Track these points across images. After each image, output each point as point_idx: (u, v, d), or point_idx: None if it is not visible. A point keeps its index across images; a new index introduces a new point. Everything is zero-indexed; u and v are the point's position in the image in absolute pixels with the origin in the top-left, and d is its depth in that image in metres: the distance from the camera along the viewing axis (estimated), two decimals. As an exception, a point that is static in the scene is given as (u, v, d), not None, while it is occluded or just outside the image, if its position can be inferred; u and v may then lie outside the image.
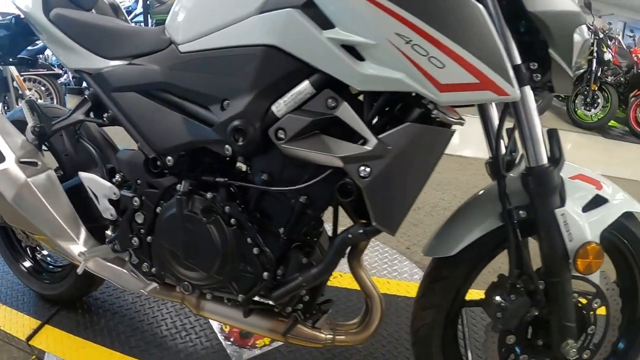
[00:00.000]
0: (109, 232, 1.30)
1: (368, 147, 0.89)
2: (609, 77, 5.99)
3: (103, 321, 1.64)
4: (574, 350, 1.07)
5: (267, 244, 1.06)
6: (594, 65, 5.69)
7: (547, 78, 0.97)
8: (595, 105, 5.85)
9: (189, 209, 1.09)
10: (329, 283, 1.86)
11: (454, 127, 0.97)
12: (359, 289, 1.18)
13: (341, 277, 1.89)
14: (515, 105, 0.96)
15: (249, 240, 1.06)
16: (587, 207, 1.04)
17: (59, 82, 3.90)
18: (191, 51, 1.04)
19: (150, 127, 1.12)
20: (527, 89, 0.93)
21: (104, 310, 1.69)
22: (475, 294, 1.19)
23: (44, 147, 1.45)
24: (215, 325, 1.61)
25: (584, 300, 1.11)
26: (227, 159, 1.07)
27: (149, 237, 1.19)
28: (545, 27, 0.90)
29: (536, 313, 1.08)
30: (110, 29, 1.25)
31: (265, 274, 1.07)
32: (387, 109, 0.98)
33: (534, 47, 0.94)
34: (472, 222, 1.09)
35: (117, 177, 1.25)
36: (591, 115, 5.94)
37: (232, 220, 1.06)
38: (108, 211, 1.25)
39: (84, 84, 1.32)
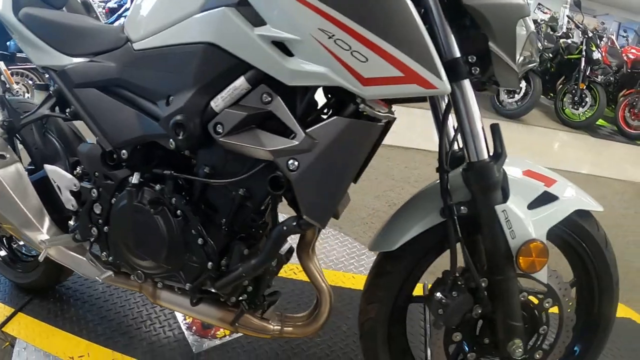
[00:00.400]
0: (71, 222, 1.35)
1: (296, 141, 0.92)
2: (599, 76, 6.02)
3: (73, 310, 1.69)
4: (520, 350, 1.06)
5: (210, 235, 1.11)
6: (582, 64, 5.72)
7: (490, 72, 0.97)
8: (583, 104, 5.89)
9: (138, 200, 1.14)
10: (285, 275, 1.91)
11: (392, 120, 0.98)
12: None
13: (300, 271, 1.94)
14: (454, 100, 0.95)
15: (193, 231, 1.10)
16: (534, 204, 1.02)
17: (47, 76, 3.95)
18: (143, 49, 1.08)
19: (107, 122, 1.16)
20: (466, 83, 0.93)
21: (74, 300, 1.74)
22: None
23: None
24: (179, 315, 1.66)
25: (535, 300, 1.09)
26: (177, 152, 1.11)
27: (106, 227, 1.23)
28: (484, 20, 0.90)
29: (480, 311, 1.06)
30: (75, 28, 1.29)
31: (210, 263, 1.11)
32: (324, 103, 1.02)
33: (475, 40, 0.94)
34: (415, 218, 1.09)
35: (79, 169, 1.30)
36: (579, 114, 5.97)
37: (178, 212, 1.10)
38: (70, 202, 1.30)
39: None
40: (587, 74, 5.78)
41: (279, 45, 0.89)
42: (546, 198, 1.02)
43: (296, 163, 0.93)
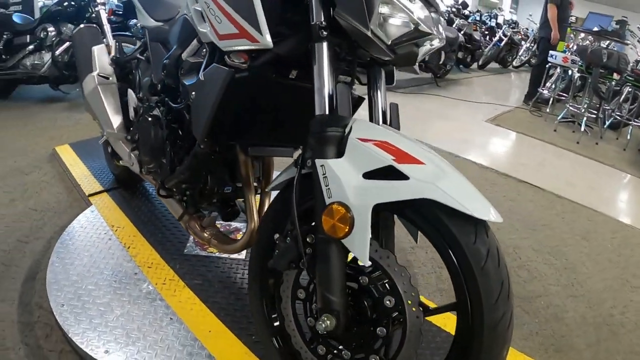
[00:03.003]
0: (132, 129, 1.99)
1: (195, 79, 1.29)
2: None
3: (144, 208, 2.38)
4: (329, 328, 0.99)
5: (174, 147, 1.56)
6: None
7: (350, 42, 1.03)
8: None
9: (147, 113, 1.67)
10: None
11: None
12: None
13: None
14: (313, 59, 1.03)
15: (166, 140, 1.57)
16: (372, 175, 0.94)
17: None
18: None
19: (157, 65, 1.71)
20: (320, 45, 1.02)
21: (145, 202, 2.43)
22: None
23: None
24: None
25: (374, 291, 1.01)
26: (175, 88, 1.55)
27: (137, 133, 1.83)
28: None
29: (306, 267, 1.06)
30: (159, 2, 1.93)
31: (167, 164, 1.56)
32: None
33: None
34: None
35: (140, 94, 1.93)
36: None
37: (162, 125, 1.58)
38: (132, 114, 1.94)
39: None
40: None
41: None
42: (390, 173, 0.92)
43: (194, 94, 1.31)
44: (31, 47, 4.19)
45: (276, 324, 1.26)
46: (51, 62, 4.14)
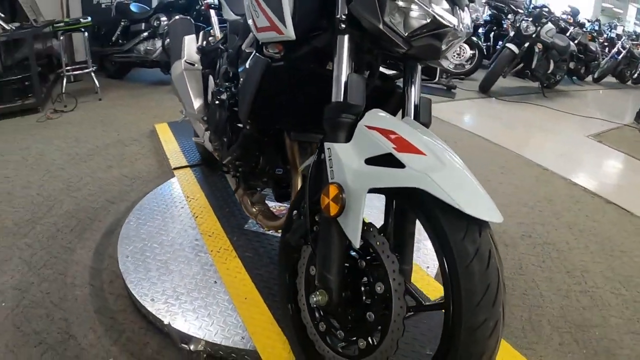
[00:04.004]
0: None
1: (247, 65, 1.41)
2: None
3: (219, 184, 2.58)
4: (320, 303, 1.04)
5: (232, 128, 1.72)
6: None
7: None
8: None
9: (216, 96, 1.84)
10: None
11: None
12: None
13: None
14: (333, 50, 1.10)
15: (226, 113, 1.73)
16: (373, 161, 0.97)
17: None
18: None
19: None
20: (342, 38, 1.09)
21: (223, 177, 2.64)
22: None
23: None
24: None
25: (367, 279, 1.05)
26: None
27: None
28: None
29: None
30: None
31: (225, 139, 1.75)
32: None
33: None
34: None
35: (218, 80, 2.13)
36: None
37: (224, 106, 1.75)
38: (210, 98, 2.15)
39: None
40: None
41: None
42: (389, 161, 0.94)
43: (241, 80, 1.45)
44: (145, 34, 4.69)
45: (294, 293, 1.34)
46: (162, 48, 4.59)
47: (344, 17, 1.06)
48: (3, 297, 1.69)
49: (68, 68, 4.57)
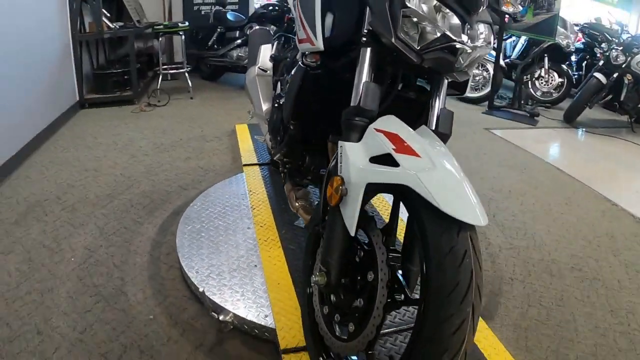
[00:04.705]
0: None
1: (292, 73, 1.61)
2: None
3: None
4: (319, 283, 1.15)
5: (284, 129, 1.88)
6: None
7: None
8: None
9: (275, 100, 2.05)
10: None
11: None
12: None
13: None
14: (356, 60, 1.21)
15: (280, 122, 1.93)
16: (376, 160, 1.06)
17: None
18: None
19: None
20: (365, 50, 1.19)
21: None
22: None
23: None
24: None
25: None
26: None
27: None
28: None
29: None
30: None
31: (278, 136, 1.95)
32: None
33: None
34: None
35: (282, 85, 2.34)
36: None
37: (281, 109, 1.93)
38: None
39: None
40: None
41: None
42: (388, 160, 1.02)
43: (288, 84, 1.64)
44: (239, 41, 5.08)
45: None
46: (252, 56, 4.96)
47: (366, 31, 1.17)
48: (74, 253, 2.01)
49: (165, 67, 5.07)
